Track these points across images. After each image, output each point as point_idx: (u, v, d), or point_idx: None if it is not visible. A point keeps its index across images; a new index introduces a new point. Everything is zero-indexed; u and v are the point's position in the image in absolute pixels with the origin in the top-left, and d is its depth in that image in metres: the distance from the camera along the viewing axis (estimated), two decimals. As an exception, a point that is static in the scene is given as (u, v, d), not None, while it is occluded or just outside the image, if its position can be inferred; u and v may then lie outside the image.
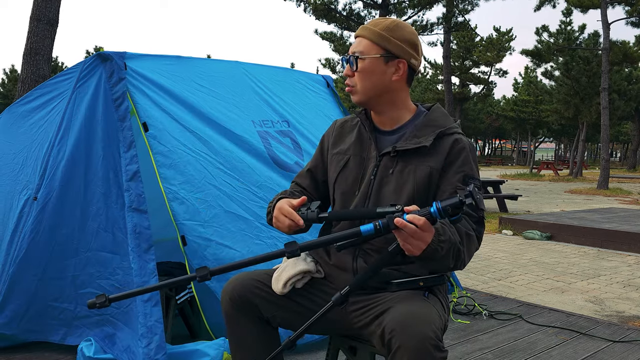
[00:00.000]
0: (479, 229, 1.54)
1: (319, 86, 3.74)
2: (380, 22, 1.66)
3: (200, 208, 2.59)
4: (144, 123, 2.60)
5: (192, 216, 2.56)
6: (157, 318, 2.33)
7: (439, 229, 1.39)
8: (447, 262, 1.43)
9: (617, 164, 49.39)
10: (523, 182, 21.24)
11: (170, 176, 2.57)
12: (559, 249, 6.77)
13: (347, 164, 1.71)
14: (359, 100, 1.68)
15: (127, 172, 2.49)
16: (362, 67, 1.63)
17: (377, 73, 1.63)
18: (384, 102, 1.67)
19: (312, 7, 16.68)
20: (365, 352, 1.70)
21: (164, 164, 2.58)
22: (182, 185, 2.58)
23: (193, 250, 2.52)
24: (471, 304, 3.62)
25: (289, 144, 3.15)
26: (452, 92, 21.26)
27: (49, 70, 6.85)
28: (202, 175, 2.65)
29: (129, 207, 2.45)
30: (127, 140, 2.53)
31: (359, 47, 1.65)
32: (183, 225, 2.53)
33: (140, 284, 2.37)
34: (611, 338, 3.07)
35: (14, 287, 2.63)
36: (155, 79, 2.76)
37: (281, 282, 1.62)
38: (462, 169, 1.58)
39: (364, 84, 1.65)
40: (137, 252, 2.41)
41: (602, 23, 17.72)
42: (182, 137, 2.70)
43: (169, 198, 2.54)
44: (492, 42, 30.46)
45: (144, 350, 2.28)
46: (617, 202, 13.49)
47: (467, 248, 1.48)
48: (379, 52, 1.62)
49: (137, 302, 2.38)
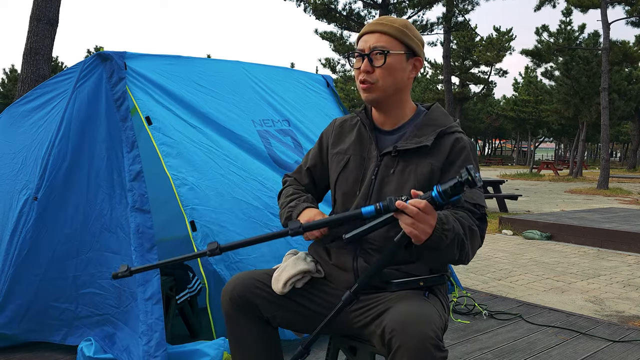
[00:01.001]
0: (481, 225, 1.54)
1: (319, 86, 3.74)
2: (392, 19, 1.63)
3: (210, 194, 2.54)
4: (147, 117, 2.59)
5: (203, 202, 2.50)
6: (157, 316, 2.33)
7: (442, 218, 1.39)
8: (452, 252, 1.43)
9: (617, 163, 49.39)
10: (523, 182, 21.24)
11: (178, 165, 2.53)
12: (559, 249, 6.77)
13: (347, 164, 1.71)
14: (376, 98, 1.63)
15: (131, 172, 2.48)
16: (388, 63, 1.58)
17: (399, 70, 1.61)
18: (394, 100, 1.65)
19: (312, 7, 16.68)
20: (365, 352, 1.69)
21: (170, 154, 2.55)
22: (191, 173, 2.54)
23: (203, 236, 2.43)
24: (471, 304, 3.62)
25: (289, 142, 3.15)
26: (452, 92, 21.26)
27: (49, 70, 6.85)
28: (209, 166, 2.63)
29: (132, 207, 2.45)
30: (129, 141, 2.53)
31: (381, 42, 1.58)
32: (193, 210, 2.46)
33: (143, 283, 2.38)
34: (611, 338, 3.07)
35: (14, 287, 2.63)
36: (155, 78, 2.76)
37: (281, 282, 1.62)
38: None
39: (387, 81, 1.60)
40: (140, 251, 2.41)
41: (602, 23, 17.71)
42: (186, 130, 2.69)
43: (177, 184, 2.48)
44: (492, 42, 30.44)
45: (144, 347, 2.28)
46: (617, 202, 13.49)
47: (470, 242, 1.48)
48: (402, 49, 1.60)
49: (138, 301, 2.38)
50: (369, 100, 1.65)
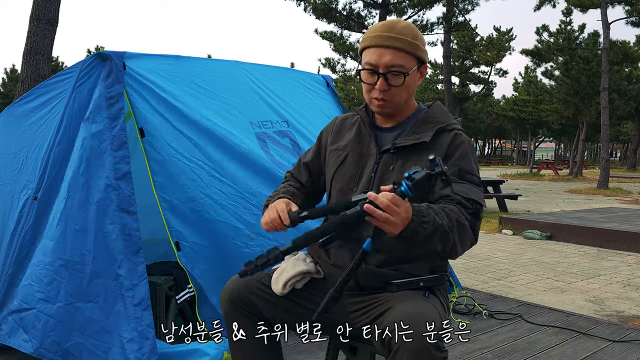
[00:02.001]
0: (473, 220, 1.53)
1: (318, 86, 3.74)
2: (401, 28, 1.58)
3: (192, 217, 2.64)
4: (141, 129, 2.62)
5: (186, 224, 2.62)
6: (148, 322, 2.31)
7: (423, 211, 1.40)
8: (433, 245, 1.43)
9: (617, 163, 49.38)
10: (523, 182, 21.24)
11: (164, 184, 2.62)
12: (559, 249, 6.77)
13: (345, 160, 1.71)
14: (390, 111, 1.64)
15: (117, 170, 2.46)
16: (406, 83, 1.59)
17: (413, 83, 1.63)
18: (402, 105, 1.66)
19: (312, 6, 16.67)
20: (365, 352, 1.69)
21: (159, 172, 2.62)
22: (176, 195, 2.62)
23: (187, 254, 2.59)
24: (471, 304, 3.61)
25: (287, 144, 3.14)
26: (452, 92, 21.24)
27: (49, 70, 6.84)
28: (196, 185, 2.68)
29: (118, 207, 2.42)
30: (117, 140, 2.50)
31: (398, 61, 1.56)
32: (177, 232, 2.59)
33: (130, 287, 2.35)
34: (611, 338, 3.07)
35: (14, 287, 2.63)
36: (154, 79, 2.76)
37: (281, 283, 1.62)
38: (458, 162, 1.58)
39: (403, 96, 1.62)
40: (126, 254, 2.37)
41: (602, 23, 17.71)
42: (178, 144, 2.70)
43: (163, 207, 2.58)
44: (492, 41, 30.41)
45: (136, 354, 2.26)
46: (617, 201, 13.49)
47: (459, 236, 1.47)
48: (415, 63, 1.61)
49: (127, 306, 2.35)
50: (383, 113, 1.67)
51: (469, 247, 1.55)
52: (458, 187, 1.53)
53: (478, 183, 1.58)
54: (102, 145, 2.52)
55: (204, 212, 2.67)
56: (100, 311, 2.38)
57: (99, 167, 2.50)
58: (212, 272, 2.63)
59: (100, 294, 2.40)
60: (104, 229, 2.43)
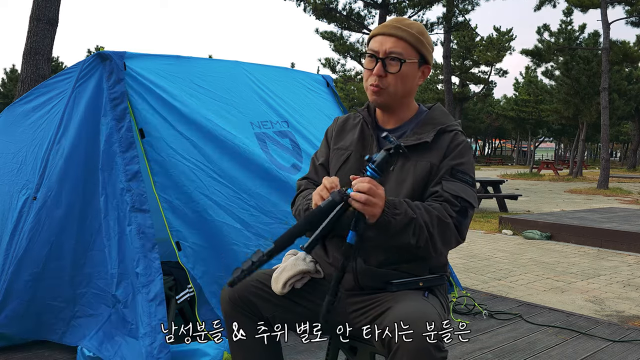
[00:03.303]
0: (459, 218, 1.52)
1: (319, 86, 3.74)
2: (409, 22, 1.62)
3: (193, 217, 2.66)
4: (141, 129, 2.63)
5: (185, 225, 2.64)
6: (161, 317, 2.33)
7: (396, 203, 1.43)
8: (407, 237, 1.45)
9: (617, 163, 49.39)
10: (523, 182, 21.24)
11: (165, 185, 2.63)
12: (559, 249, 6.77)
13: (347, 160, 1.71)
14: (383, 102, 1.64)
15: (127, 172, 2.48)
16: (403, 70, 1.59)
17: (411, 77, 1.62)
18: (400, 103, 1.67)
19: (312, 6, 16.68)
20: (365, 352, 1.69)
21: (159, 173, 2.63)
22: (176, 195, 2.64)
23: (187, 254, 2.62)
24: (471, 304, 3.61)
25: (287, 144, 3.14)
26: (452, 92, 21.25)
27: (49, 70, 6.84)
28: (195, 186, 2.69)
29: (132, 207, 2.45)
30: (125, 141, 2.52)
31: (398, 48, 1.58)
32: (178, 232, 2.61)
33: (146, 284, 2.38)
34: (611, 338, 3.07)
35: (14, 287, 2.63)
36: (154, 79, 2.76)
37: (280, 283, 1.62)
38: (453, 161, 1.59)
39: (398, 87, 1.61)
40: (143, 252, 2.41)
41: (602, 23, 17.72)
42: (178, 144, 2.71)
43: (164, 207, 2.60)
44: (492, 41, 30.45)
45: (147, 349, 2.28)
46: (617, 201, 13.49)
47: (438, 231, 1.47)
48: (416, 57, 1.61)
49: (141, 302, 2.37)
50: (376, 103, 1.66)
51: (454, 245, 1.55)
52: (448, 184, 1.54)
53: (471, 183, 1.59)
54: (112, 149, 2.55)
55: (204, 212, 2.68)
56: (130, 312, 2.48)
57: (112, 172, 2.55)
58: (210, 275, 2.66)
59: (129, 294, 2.48)
60: (125, 232, 2.50)
